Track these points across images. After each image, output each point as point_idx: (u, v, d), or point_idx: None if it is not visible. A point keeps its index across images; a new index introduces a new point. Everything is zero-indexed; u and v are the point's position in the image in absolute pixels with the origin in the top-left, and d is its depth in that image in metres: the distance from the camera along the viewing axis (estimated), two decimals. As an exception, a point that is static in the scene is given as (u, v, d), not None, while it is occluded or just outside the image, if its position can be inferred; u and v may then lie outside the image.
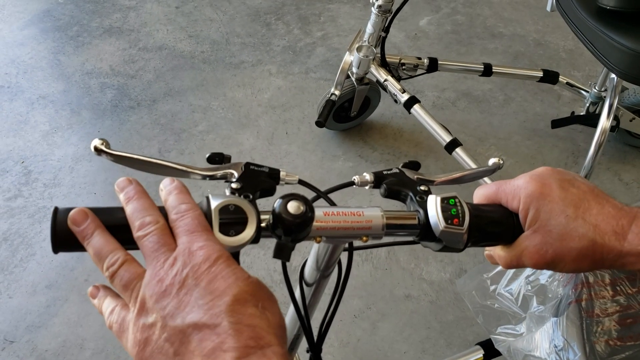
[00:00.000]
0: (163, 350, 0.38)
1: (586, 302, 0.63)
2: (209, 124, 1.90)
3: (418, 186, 0.53)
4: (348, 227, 0.49)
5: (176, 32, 2.23)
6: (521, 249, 0.49)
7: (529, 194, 0.49)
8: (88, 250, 0.43)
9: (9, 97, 1.96)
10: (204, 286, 0.39)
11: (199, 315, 0.38)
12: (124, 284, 0.42)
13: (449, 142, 1.55)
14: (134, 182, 0.46)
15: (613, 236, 0.47)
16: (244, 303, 0.39)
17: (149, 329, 0.39)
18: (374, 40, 1.61)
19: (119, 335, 0.42)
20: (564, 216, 0.47)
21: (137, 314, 0.40)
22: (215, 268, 0.40)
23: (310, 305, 0.69)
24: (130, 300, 0.41)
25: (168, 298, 0.39)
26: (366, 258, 1.58)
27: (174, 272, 0.40)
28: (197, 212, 0.44)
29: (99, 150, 0.50)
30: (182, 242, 0.42)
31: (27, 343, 1.40)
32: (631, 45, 1.24)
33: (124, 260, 0.42)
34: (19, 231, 1.60)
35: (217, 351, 0.37)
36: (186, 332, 0.38)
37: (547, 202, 0.48)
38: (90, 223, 0.43)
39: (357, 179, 0.55)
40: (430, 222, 0.49)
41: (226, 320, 0.37)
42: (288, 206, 0.46)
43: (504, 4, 2.42)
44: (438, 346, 1.43)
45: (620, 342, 0.62)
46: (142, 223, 0.43)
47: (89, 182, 1.72)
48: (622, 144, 1.90)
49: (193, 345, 0.37)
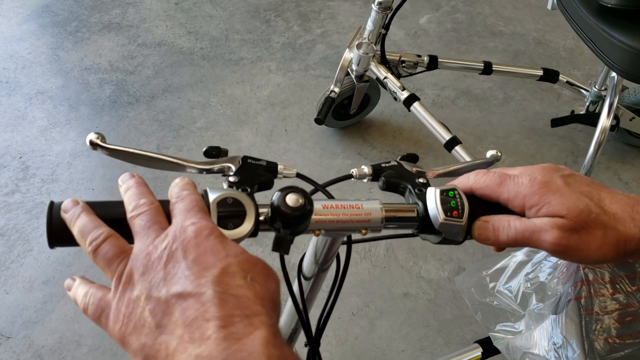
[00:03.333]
0: (146, 323, 0.37)
1: (585, 300, 0.62)
2: (207, 121, 1.89)
3: (417, 179, 0.52)
4: (347, 220, 0.48)
5: (175, 28, 2.22)
6: (542, 224, 0.47)
7: (535, 192, 0.47)
8: (73, 232, 0.42)
9: (7, 92, 1.96)
10: (193, 259, 0.38)
11: (185, 286, 0.37)
12: (109, 259, 0.40)
13: (448, 140, 1.55)
14: (136, 175, 0.46)
15: (631, 223, 0.46)
16: (232, 275, 0.37)
17: (133, 303, 0.38)
18: (374, 38, 1.61)
19: (95, 317, 0.40)
20: (583, 204, 0.46)
21: (123, 289, 0.39)
22: (207, 243, 0.39)
23: (308, 299, 0.69)
24: (114, 276, 0.40)
25: (154, 271, 0.38)
26: (365, 256, 1.58)
27: (163, 245, 0.39)
28: (197, 196, 0.43)
29: (94, 144, 0.49)
30: (175, 221, 0.41)
31: (23, 339, 1.39)
32: (632, 43, 1.24)
33: (108, 235, 0.41)
34: (16, 227, 1.60)
35: (199, 320, 0.35)
36: (170, 302, 0.37)
37: (559, 196, 0.47)
38: (78, 208, 0.42)
39: (356, 171, 0.55)
40: (430, 215, 0.49)
41: (211, 289, 0.36)
42: (287, 199, 0.45)
43: (504, 3, 2.42)
44: (436, 345, 1.43)
45: (619, 340, 0.62)
46: (136, 204, 0.42)
47: (86, 178, 1.72)
48: (621, 143, 1.89)
49: (176, 316, 0.36)
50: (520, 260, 0.71)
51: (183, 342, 0.35)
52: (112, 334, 0.39)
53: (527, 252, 0.73)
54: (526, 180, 0.48)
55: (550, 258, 0.70)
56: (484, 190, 0.50)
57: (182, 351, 0.35)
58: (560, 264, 0.68)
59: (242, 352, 0.34)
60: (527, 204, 0.48)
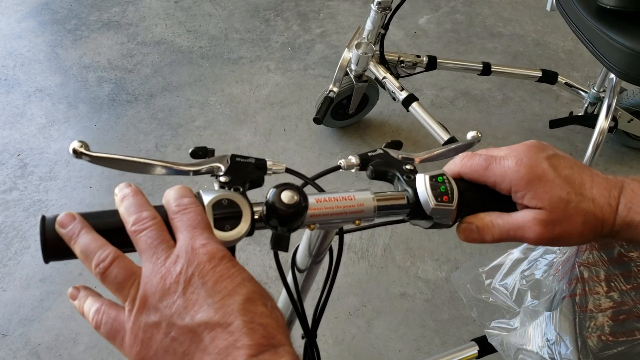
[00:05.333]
0: (170, 349, 0.37)
1: (580, 297, 0.63)
2: (206, 120, 1.89)
3: (403, 165, 0.53)
4: (341, 212, 0.49)
5: (175, 26, 2.22)
6: (524, 221, 0.48)
7: (521, 178, 0.48)
8: (75, 250, 0.41)
9: (6, 89, 1.96)
10: (212, 285, 0.38)
11: (210, 315, 0.37)
12: (119, 282, 0.40)
13: (446, 141, 1.55)
14: (132, 185, 0.45)
15: (608, 208, 0.48)
16: (255, 302, 0.38)
17: (153, 328, 0.38)
18: (373, 38, 1.61)
19: (110, 336, 0.40)
20: (565, 193, 0.47)
21: (138, 313, 0.38)
22: (221, 267, 0.39)
23: (302, 292, 0.69)
24: (127, 299, 0.39)
25: (173, 296, 0.38)
26: (362, 256, 1.58)
27: (178, 269, 0.38)
28: (199, 208, 0.43)
29: (78, 152, 0.48)
30: (182, 238, 0.40)
31: (20, 336, 1.39)
32: (631, 45, 1.24)
33: (115, 257, 0.40)
34: (14, 224, 1.60)
35: (230, 348, 0.36)
36: (197, 331, 0.37)
37: (544, 183, 0.48)
38: (76, 223, 0.42)
39: (344, 162, 0.55)
40: (421, 201, 0.49)
41: (239, 319, 0.37)
42: (282, 196, 0.45)
43: (503, 4, 2.42)
44: (433, 345, 1.43)
45: (612, 338, 0.62)
46: (138, 217, 0.41)
47: (84, 176, 1.72)
48: (619, 145, 1.89)
49: (204, 344, 0.37)
50: (517, 258, 0.72)
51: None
52: (129, 356, 0.39)
53: (524, 250, 0.73)
54: (512, 163, 0.48)
55: (547, 256, 0.71)
56: (472, 175, 0.51)
57: None
58: (556, 261, 0.68)
59: None
60: (514, 188, 0.48)
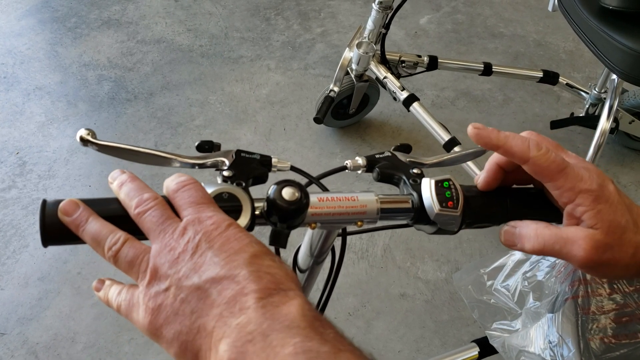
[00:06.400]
0: (179, 311, 0.37)
1: (582, 299, 0.62)
2: (206, 119, 1.89)
3: (411, 169, 0.52)
4: (343, 212, 0.48)
5: (175, 25, 2.22)
6: (576, 237, 0.44)
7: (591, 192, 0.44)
8: (84, 237, 0.42)
9: (5, 87, 1.95)
10: (218, 247, 0.38)
11: (217, 270, 0.37)
12: (130, 260, 0.40)
13: (447, 141, 1.54)
14: (127, 171, 0.45)
15: None
16: (262, 257, 0.39)
17: (162, 295, 0.38)
18: (374, 37, 1.60)
19: (127, 313, 0.40)
20: (624, 220, 0.44)
21: (148, 284, 0.39)
22: (228, 232, 0.39)
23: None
24: (138, 275, 0.40)
25: (182, 263, 0.38)
26: (362, 256, 1.57)
27: (186, 239, 0.39)
28: (199, 185, 0.43)
29: (85, 140, 0.48)
30: (188, 213, 0.41)
31: (18, 335, 1.39)
32: (633, 46, 1.23)
33: (126, 239, 0.41)
34: (12, 222, 1.59)
35: (238, 296, 0.36)
36: (203, 287, 0.37)
37: (609, 205, 0.44)
38: (82, 211, 0.42)
39: (350, 163, 0.54)
40: (425, 205, 0.49)
41: (245, 269, 0.37)
42: (283, 192, 0.45)
43: (504, 4, 2.42)
44: (433, 345, 1.42)
45: (615, 340, 0.61)
46: (140, 200, 0.42)
47: (84, 175, 1.71)
48: (620, 146, 1.89)
49: (212, 299, 0.37)
50: (519, 259, 0.71)
51: (222, 318, 0.36)
52: (143, 329, 0.39)
53: (525, 251, 0.72)
54: (586, 176, 0.45)
55: (548, 257, 0.70)
56: (541, 171, 0.45)
57: (222, 326, 0.36)
58: (558, 263, 0.67)
59: (280, 315, 0.35)
60: (578, 201, 0.45)
